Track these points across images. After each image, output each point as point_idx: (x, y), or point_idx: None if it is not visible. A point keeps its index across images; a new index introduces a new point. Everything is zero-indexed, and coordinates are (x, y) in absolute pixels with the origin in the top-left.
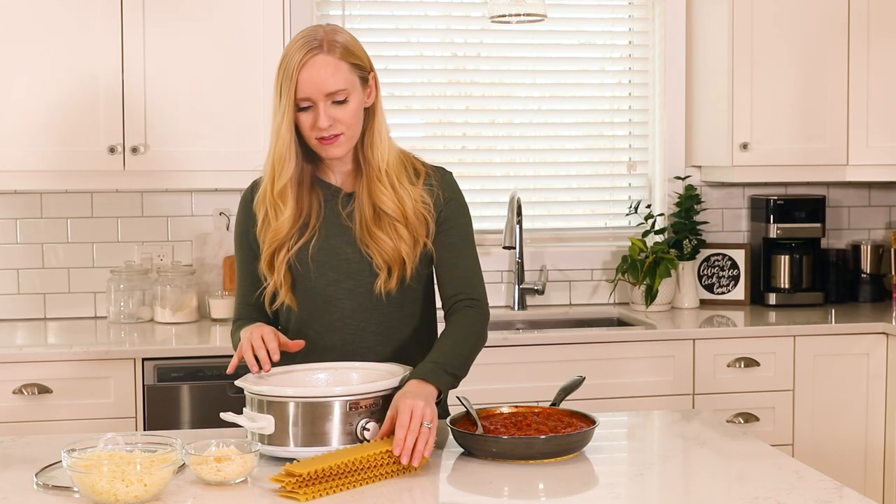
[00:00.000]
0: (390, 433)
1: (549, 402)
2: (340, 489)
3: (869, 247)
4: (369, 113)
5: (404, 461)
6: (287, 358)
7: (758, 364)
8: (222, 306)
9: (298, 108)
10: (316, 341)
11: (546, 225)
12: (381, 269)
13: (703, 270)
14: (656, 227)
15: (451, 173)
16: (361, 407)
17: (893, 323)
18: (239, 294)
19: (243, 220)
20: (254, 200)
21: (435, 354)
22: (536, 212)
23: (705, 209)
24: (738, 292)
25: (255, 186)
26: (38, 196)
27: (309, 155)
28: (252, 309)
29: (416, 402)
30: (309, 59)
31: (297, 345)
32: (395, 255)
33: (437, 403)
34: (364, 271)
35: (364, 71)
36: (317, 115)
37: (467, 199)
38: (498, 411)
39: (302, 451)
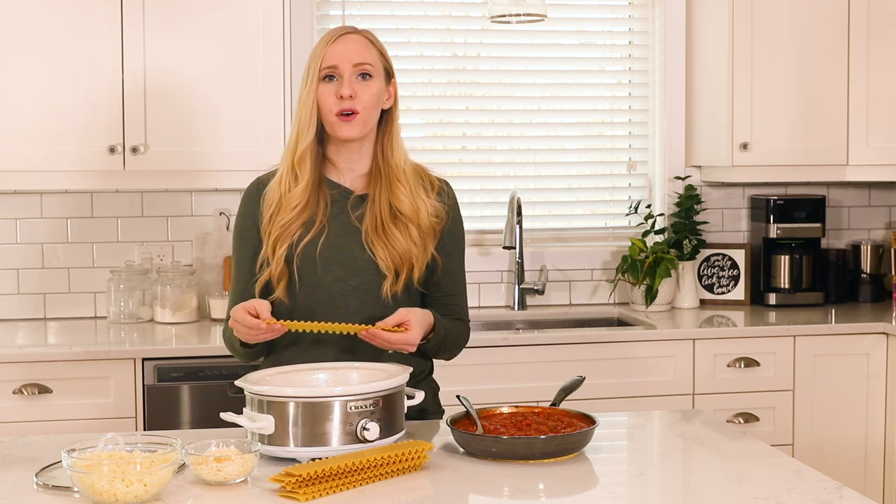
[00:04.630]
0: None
1: (549, 402)
2: (340, 489)
3: (869, 247)
4: (387, 117)
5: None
6: (290, 354)
7: (758, 364)
8: (222, 306)
9: (322, 79)
10: (319, 336)
11: (546, 225)
12: (388, 272)
13: (703, 270)
14: (656, 227)
15: (452, 188)
16: (361, 407)
17: (893, 323)
18: (235, 290)
19: (247, 212)
20: (260, 193)
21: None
22: (536, 212)
23: (705, 209)
24: (738, 292)
25: (259, 182)
26: (38, 196)
27: (321, 152)
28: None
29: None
30: (341, 36)
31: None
32: (405, 257)
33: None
34: (370, 270)
35: (389, 68)
36: (340, 85)
37: (467, 200)
38: (498, 411)
39: (302, 451)
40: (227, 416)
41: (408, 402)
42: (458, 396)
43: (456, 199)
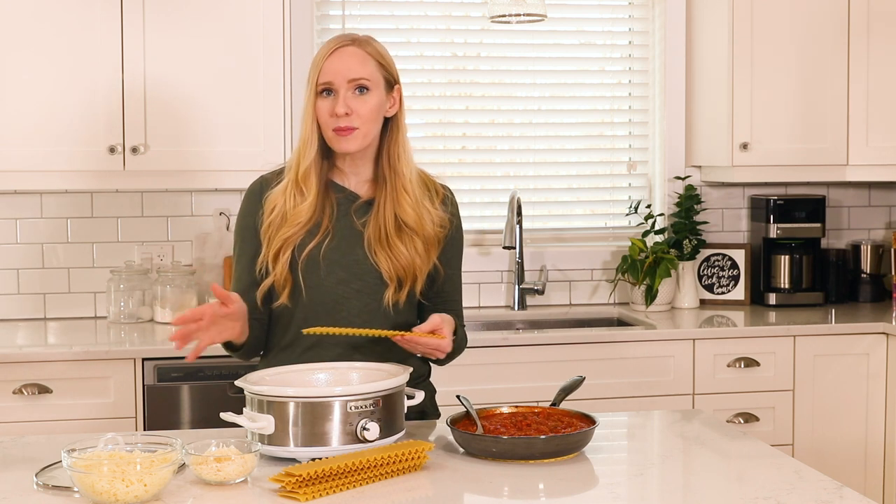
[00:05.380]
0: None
1: (549, 402)
2: (340, 489)
3: (869, 247)
4: (393, 124)
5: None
6: (288, 356)
7: (758, 364)
8: None
9: (319, 93)
10: (320, 338)
11: (546, 225)
12: (391, 281)
13: (703, 270)
14: (656, 227)
15: (454, 194)
16: (361, 407)
17: (893, 323)
18: (234, 289)
19: (249, 211)
20: (263, 193)
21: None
22: (536, 212)
23: (705, 209)
24: (738, 292)
25: (263, 181)
26: (38, 196)
27: (326, 155)
28: (246, 302)
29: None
30: (338, 49)
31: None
32: (408, 269)
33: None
34: (373, 274)
35: (390, 77)
36: (336, 101)
37: (467, 200)
38: (498, 411)
39: (302, 451)
40: (227, 416)
41: (408, 402)
42: (458, 396)
43: (458, 205)
